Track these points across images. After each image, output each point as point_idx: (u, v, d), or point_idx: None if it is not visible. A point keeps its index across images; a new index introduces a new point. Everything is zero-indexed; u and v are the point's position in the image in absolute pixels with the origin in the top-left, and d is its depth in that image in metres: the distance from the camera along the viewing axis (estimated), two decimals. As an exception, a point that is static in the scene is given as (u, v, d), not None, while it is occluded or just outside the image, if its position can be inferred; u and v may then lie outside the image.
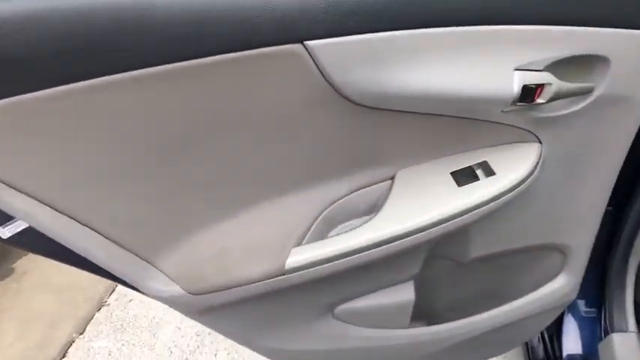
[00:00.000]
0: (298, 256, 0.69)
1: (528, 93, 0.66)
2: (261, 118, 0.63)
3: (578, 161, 0.83)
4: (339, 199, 0.75)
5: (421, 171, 0.76)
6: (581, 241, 0.97)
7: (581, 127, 0.77)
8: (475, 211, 0.73)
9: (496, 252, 0.91)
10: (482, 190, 0.73)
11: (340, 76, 0.59)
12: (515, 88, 0.64)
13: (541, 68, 0.66)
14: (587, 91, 0.71)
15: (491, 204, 0.73)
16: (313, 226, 0.74)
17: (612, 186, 0.91)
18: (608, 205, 0.94)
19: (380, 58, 0.59)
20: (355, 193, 0.76)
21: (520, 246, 0.93)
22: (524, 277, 1.02)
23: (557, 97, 0.68)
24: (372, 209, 0.77)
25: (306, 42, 0.56)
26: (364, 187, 0.76)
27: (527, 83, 0.65)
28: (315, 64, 0.57)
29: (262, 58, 0.57)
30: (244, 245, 0.69)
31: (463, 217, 0.72)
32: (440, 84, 0.63)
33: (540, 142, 0.77)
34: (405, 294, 0.90)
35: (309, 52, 0.56)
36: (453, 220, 0.72)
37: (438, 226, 0.72)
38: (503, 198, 0.74)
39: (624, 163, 0.86)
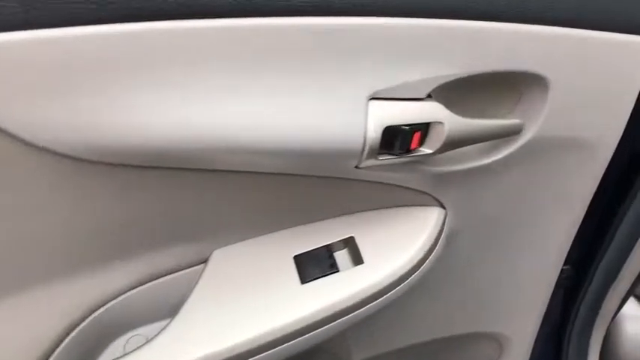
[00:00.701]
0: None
1: (398, 138, 0.37)
2: None
3: (508, 228, 0.55)
4: (115, 297, 0.46)
5: (248, 252, 0.47)
6: (521, 328, 0.69)
7: (509, 182, 0.49)
8: (325, 327, 0.44)
9: (395, 349, 0.63)
10: (337, 292, 0.44)
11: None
12: (371, 132, 0.36)
13: (423, 96, 0.37)
14: (512, 133, 0.43)
15: (353, 315, 0.44)
16: (62, 345, 0.44)
17: (566, 250, 0.63)
18: (565, 262, 0.67)
19: (84, 77, 0.30)
20: (148, 285, 0.47)
21: (431, 339, 0.65)
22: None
23: (455, 143, 0.39)
24: (174, 309, 0.48)
25: None
26: (161, 276, 0.47)
27: (393, 123, 0.36)
28: None
29: None
30: None
31: (304, 337, 0.43)
32: (228, 125, 0.34)
33: (443, 207, 0.48)
34: None
35: None
36: (285, 345, 0.43)
37: (259, 354, 0.43)
38: (376, 302, 0.45)
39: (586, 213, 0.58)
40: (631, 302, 0.94)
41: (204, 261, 0.47)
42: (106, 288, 0.46)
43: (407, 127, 0.36)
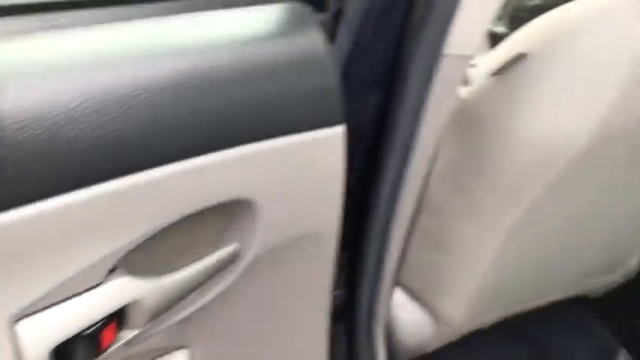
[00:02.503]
0: None
1: (80, 350, 0.28)
2: None
3: (265, 339, 0.50)
4: None
5: None
6: None
7: (249, 302, 0.44)
8: None
9: None
10: None
11: None
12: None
13: (100, 279, 0.29)
14: (229, 262, 0.38)
15: None
16: None
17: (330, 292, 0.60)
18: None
19: None
20: None
21: None
22: None
23: (165, 309, 0.33)
24: None
25: None
26: None
27: (66, 336, 0.27)
28: None
29: None
30: None
31: None
32: None
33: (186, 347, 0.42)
34: None
35: None
36: None
37: None
38: None
39: None
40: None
41: None
42: None
43: (89, 331, 0.28)
